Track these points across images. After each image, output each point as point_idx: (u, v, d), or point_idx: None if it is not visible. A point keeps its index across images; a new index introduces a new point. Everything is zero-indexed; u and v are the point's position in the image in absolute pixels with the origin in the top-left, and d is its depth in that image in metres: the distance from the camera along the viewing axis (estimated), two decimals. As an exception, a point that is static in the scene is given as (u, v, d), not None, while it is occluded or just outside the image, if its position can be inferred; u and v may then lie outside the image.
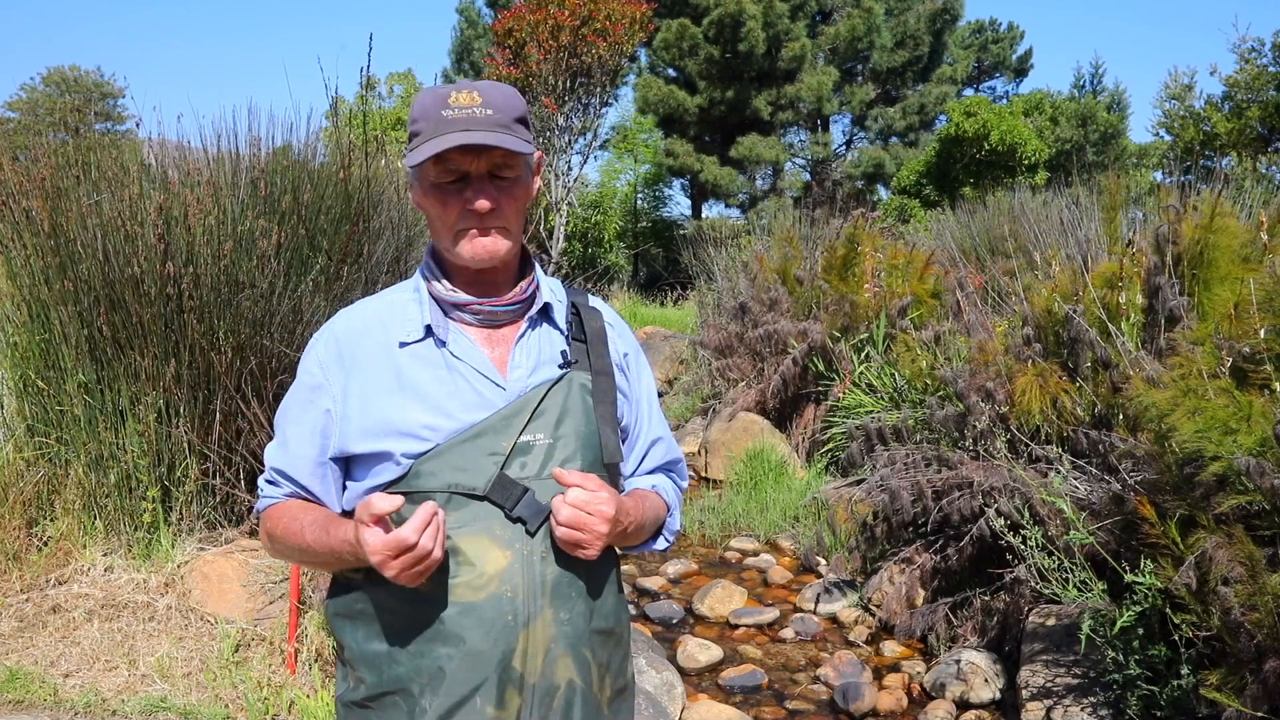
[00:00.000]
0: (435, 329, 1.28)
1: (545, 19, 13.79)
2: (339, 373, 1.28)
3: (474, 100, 1.22)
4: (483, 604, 1.21)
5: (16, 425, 3.85)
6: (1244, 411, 2.54)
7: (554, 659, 1.25)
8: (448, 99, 1.22)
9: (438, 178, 1.24)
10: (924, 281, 6.65)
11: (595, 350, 1.36)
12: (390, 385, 1.25)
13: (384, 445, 1.23)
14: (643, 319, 14.60)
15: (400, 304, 1.32)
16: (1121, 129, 24.18)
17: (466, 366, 1.27)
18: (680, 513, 1.51)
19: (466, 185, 1.24)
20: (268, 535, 1.34)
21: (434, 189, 1.25)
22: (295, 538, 1.26)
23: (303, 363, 1.33)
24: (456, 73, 26.05)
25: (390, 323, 1.30)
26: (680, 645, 3.83)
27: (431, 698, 1.21)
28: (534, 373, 1.29)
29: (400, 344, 1.27)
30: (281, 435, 1.32)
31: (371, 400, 1.25)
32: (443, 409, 1.23)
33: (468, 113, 1.21)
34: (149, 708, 2.97)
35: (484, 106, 1.22)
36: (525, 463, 1.24)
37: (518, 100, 1.26)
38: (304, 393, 1.31)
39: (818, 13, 23.37)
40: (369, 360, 1.27)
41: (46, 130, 5.17)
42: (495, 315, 1.31)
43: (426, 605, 1.21)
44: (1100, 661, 2.97)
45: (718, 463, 6.34)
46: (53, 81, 35.11)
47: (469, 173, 1.23)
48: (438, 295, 1.30)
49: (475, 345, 1.29)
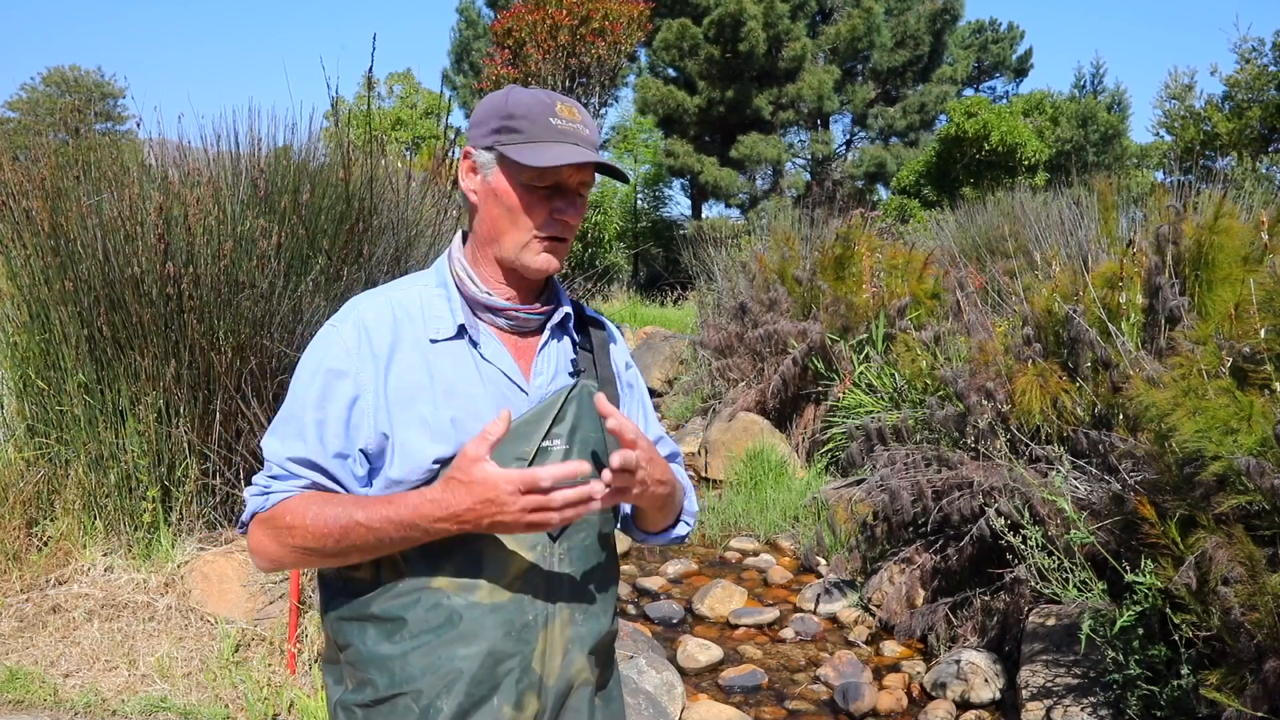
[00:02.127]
0: (469, 329, 1.28)
1: (544, 19, 13.80)
2: (370, 361, 1.24)
3: (576, 117, 1.26)
4: (505, 605, 1.21)
5: (16, 425, 3.85)
6: (1244, 411, 2.54)
7: (571, 660, 1.26)
8: (554, 108, 1.25)
9: (534, 180, 1.24)
10: (923, 282, 6.66)
11: (600, 359, 1.39)
12: (424, 381, 1.24)
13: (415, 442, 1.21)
14: (643, 319, 14.60)
15: (427, 298, 1.30)
16: (1122, 129, 24.17)
17: (494, 370, 1.27)
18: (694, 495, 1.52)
19: (556, 195, 1.26)
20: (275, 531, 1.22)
21: (525, 189, 1.25)
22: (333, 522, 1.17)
23: (324, 349, 1.25)
24: (456, 73, 26.05)
25: (418, 316, 1.28)
26: (680, 645, 3.83)
27: (447, 698, 1.20)
28: (553, 380, 1.31)
29: (431, 340, 1.26)
30: (299, 423, 1.23)
31: (409, 394, 1.23)
32: (474, 409, 1.24)
33: (574, 127, 1.25)
34: (149, 708, 2.97)
35: (583, 125, 1.26)
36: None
37: (593, 122, 1.32)
38: (327, 378, 1.23)
39: (818, 12, 23.38)
40: (402, 352, 1.25)
41: (47, 130, 5.17)
42: (526, 322, 1.32)
43: (448, 606, 1.20)
44: (1100, 661, 2.97)
45: (718, 463, 6.34)
46: (53, 81, 35.12)
47: (564, 184, 1.26)
48: (470, 296, 1.30)
49: (504, 349, 1.29)
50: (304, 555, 1.22)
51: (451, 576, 1.21)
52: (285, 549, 1.23)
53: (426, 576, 1.21)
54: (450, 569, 1.21)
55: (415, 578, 1.21)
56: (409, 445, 1.22)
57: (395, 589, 1.22)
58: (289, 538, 1.21)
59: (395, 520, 1.16)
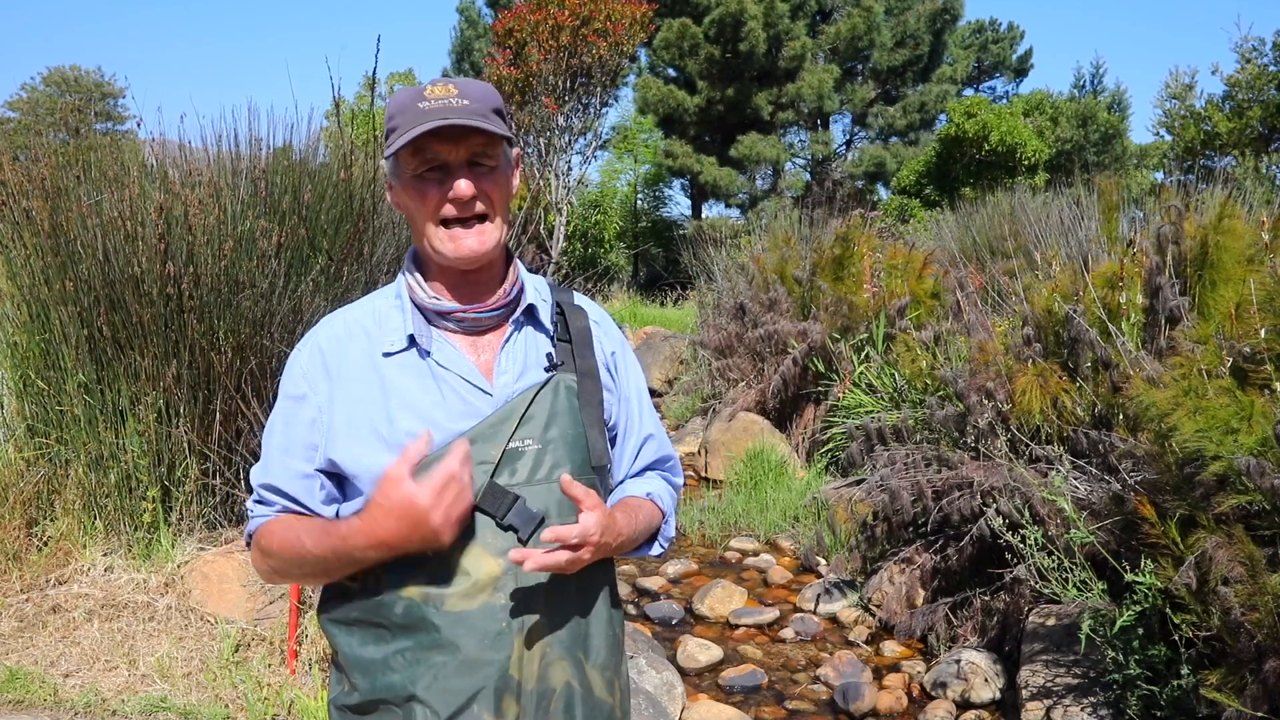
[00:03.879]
0: (418, 339, 1.25)
1: (545, 19, 13.78)
2: (324, 382, 1.25)
3: (449, 91, 1.21)
4: (476, 612, 1.20)
5: (16, 425, 3.85)
6: (1245, 411, 2.54)
7: (549, 663, 1.24)
8: (423, 93, 1.21)
9: (416, 168, 1.22)
10: (923, 282, 6.66)
11: (580, 351, 1.34)
12: (375, 396, 1.23)
13: (371, 458, 1.21)
14: (643, 319, 14.60)
15: (383, 312, 1.29)
16: (1122, 129, 24.17)
17: (453, 375, 1.25)
18: (675, 517, 1.49)
19: (447, 175, 1.22)
20: (261, 554, 1.28)
21: (413, 180, 1.23)
22: (293, 547, 1.22)
23: (286, 374, 1.29)
24: (457, 73, 26.06)
25: (374, 331, 1.27)
26: (680, 645, 3.83)
27: (426, 706, 1.20)
28: (520, 377, 1.27)
29: (384, 354, 1.25)
30: (267, 451, 1.29)
31: (358, 411, 1.23)
32: (429, 419, 1.21)
33: (444, 102, 1.19)
34: (149, 708, 2.97)
35: (460, 97, 1.20)
36: (515, 469, 1.23)
37: (493, 94, 1.25)
38: (288, 404, 1.28)
39: (818, 12, 23.37)
40: (354, 370, 1.25)
41: (47, 130, 5.18)
42: (479, 321, 1.29)
43: (420, 614, 1.20)
44: (1100, 661, 2.97)
45: (718, 463, 6.34)
46: (53, 81, 35.11)
47: (448, 161, 1.21)
48: (420, 302, 1.28)
49: (460, 353, 1.27)
50: (283, 576, 1.30)
51: (423, 585, 1.20)
52: (268, 569, 1.31)
53: (401, 585, 1.21)
54: (422, 577, 1.20)
55: (392, 585, 1.21)
56: (364, 461, 1.22)
57: (375, 596, 1.22)
58: (269, 560, 1.28)
59: (331, 549, 1.18)
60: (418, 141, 1.19)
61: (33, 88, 34.83)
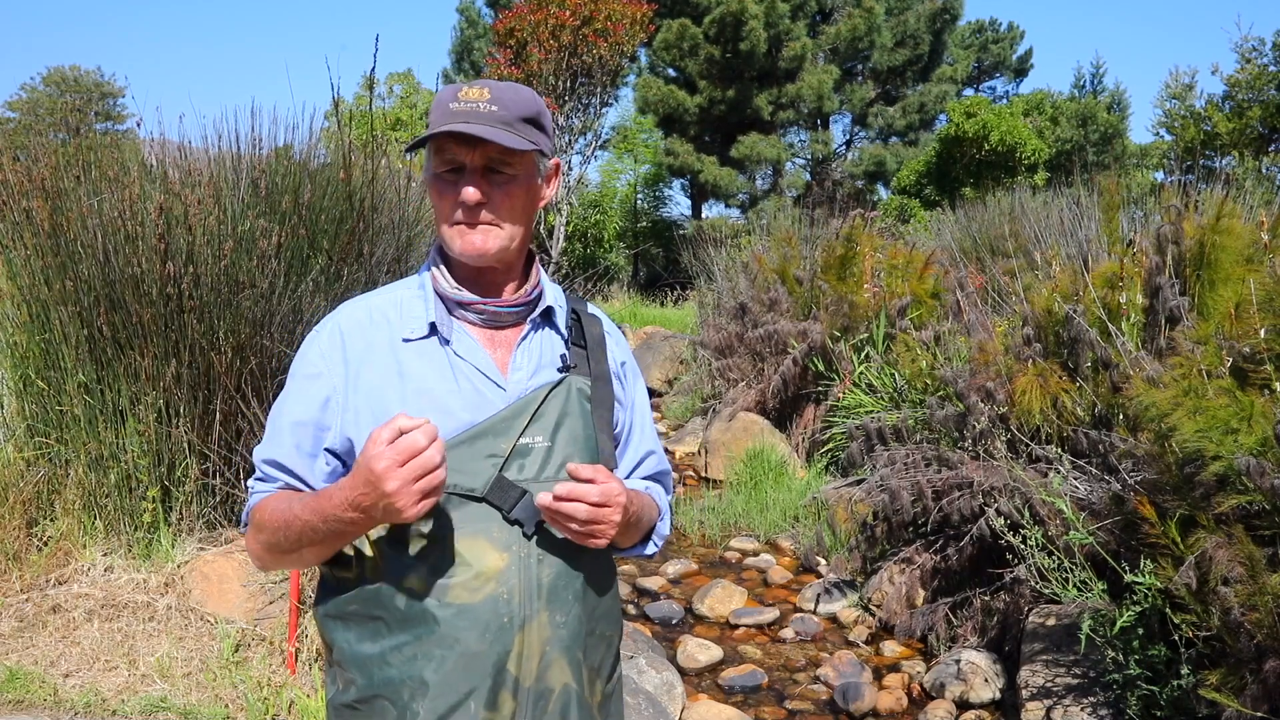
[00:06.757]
0: (439, 326, 1.27)
1: (546, 19, 13.79)
2: (341, 365, 1.26)
3: (482, 95, 1.23)
4: (479, 606, 1.20)
5: (16, 425, 3.85)
6: (1244, 411, 2.54)
7: (549, 662, 1.24)
8: (457, 93, 1.23)
9: (437, 167, 1.25)
10: (923, 282, 6.65)
11: (595, 356, 1.36)
12: (393, 381, 1.24)
13: None
14: (643, 319, 14.60)
15: (405, 300, 1.31)
16: (1122, 129, 24.16)
17: (469, 366, 1.26)
18: (669, 519, 1.50)
19: (462, 177, 1.24)
20: (255, 529, 1.26)
21: (434, 179, 1.26)
22: (283, 515, 1.20)
23: (302, 354, 1.30)
24: (457, 73, 26.05)
25: (394, 318, 1.29)
26: (680, 645, 3.83)
27: (423, 701, 1.19)
28: (534, 375, 1.29)
29: (404, 340, 1.27)
30: (275, 427, 1.28)
31: (377, 395, 1.24)
32: (444, 407, 1.22)
33: (472, 106, 1.22)
34: (149, 708, 2.97)
35: (490, 103, 1.22)
36: (524, 465, 1.24)
37: (532, 102, 1.26)
38: (300, 383, 1.28)
39: (818, 12, 23.37)
40: (374, 355, 1.26)
41: (47, 130, 5.18)
42: (499, 316, 1.30)
43: (421, 606, 1.20)
44: (1100, 661, 2.97)
45: (718, 463, 6.34)
46: (53, 81, 35.11)
47: (465, 164, 1.23)
48: (442, 292, 1.30)
49: (478, 345, 1.28)
50: (273, 552, 1.26)
51: (425, 578, 1.19)
52: (260, 546, 1.27)
53: (401, 577, 1.20)
54: (424, 569, 1.20)
55: (391, 578, 1.21)
56: None
57: (374, 589, 1.22)
58: (261, 535, 1.26)
59: (316, 511, 1.16)
60: (439, 142, 1.22)
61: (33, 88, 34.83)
